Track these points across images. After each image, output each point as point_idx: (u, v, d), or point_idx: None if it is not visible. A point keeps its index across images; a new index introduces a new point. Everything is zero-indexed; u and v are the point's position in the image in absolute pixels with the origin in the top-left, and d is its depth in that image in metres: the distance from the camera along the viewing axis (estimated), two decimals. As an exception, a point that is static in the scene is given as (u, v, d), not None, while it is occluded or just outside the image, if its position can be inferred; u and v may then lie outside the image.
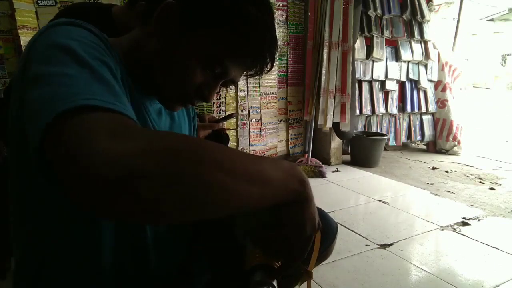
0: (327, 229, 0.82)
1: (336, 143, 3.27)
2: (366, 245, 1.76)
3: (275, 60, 0.61)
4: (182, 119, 0.76)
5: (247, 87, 2.98)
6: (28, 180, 0.51)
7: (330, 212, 2.13)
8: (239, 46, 0.55)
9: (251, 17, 0.54)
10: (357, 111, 3.33)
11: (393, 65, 3.52)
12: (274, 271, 0.52)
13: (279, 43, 3.11)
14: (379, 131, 3.58)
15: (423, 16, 3.58)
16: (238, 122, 3.00)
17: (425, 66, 3.73)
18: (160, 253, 0.65)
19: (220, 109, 2.89)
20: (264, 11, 0.56)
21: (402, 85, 3.67)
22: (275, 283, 0.50)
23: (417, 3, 3.55)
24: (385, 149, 3.52)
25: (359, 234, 1.88)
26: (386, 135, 3.45)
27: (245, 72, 0.60)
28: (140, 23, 0.59)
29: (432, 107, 3.81)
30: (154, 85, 0.60)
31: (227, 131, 1.62)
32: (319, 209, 0.85)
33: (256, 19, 0.54)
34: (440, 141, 3.85)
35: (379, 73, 3.44)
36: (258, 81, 3.01)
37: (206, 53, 0.55)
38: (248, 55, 0.57)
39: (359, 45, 3.23)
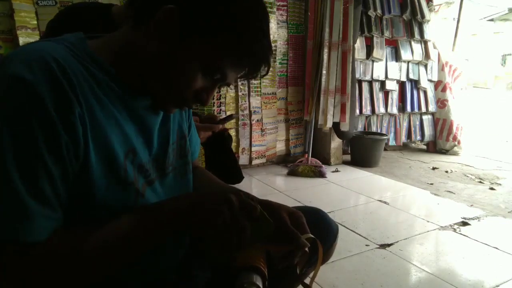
0: (327, 231, 0.82)
1: (336, 143, 3.27)
2: (366, 245, 1.76)
3: (275, 60, 0.62)
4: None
5: (248, 87, 2.98)
6: None
7: (330, 212, 2.14)
8: (240, 54, 0.56)
9: (251, 25, 0.55)
10: (357, 111, 3.32)
11: (393, 65, 3.51)
12: (260, 273, 0.52)
13: (279, 43, 3.13)
14: (379, 131, 3.58)
15: (423, 16, 3.58)
16: (239, 122, 3.00)
17: (425, 66, 3.73)
18: (160, 253, 0.65)
19: (221, 109, 2.89)
20: (262, 18, 0.57)
21: (402, 85, 3.67)
22: (260, 284, 0.51)
23: (417, 3, 3.55)
24: (385, 149, 3.52)
25: (359, 234, 1.88)
26: (386, 135, 3.44)
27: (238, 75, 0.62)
28: (133, 22, 0.56)
29: (432, 107, 3.81)
30: (149, 88, 0.59)
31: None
32: (320, 211, 0.85)
33: (255, 27, 0.55)
34: (440, 141, 3.85)
35: (379, 73, 3.44)
36: (259, 81, 3.02)
37: (207, 60, 0.56)
38: (247, 62, 0.58)
39: (359, 45, 3.23)
